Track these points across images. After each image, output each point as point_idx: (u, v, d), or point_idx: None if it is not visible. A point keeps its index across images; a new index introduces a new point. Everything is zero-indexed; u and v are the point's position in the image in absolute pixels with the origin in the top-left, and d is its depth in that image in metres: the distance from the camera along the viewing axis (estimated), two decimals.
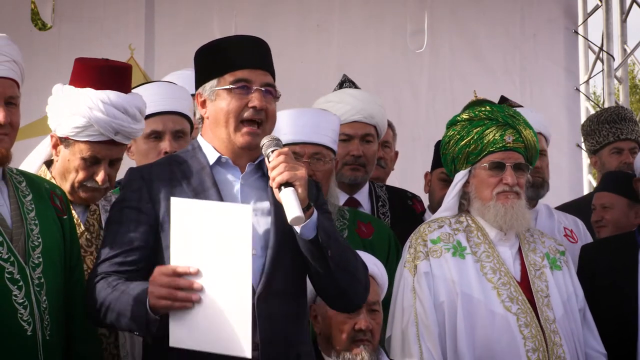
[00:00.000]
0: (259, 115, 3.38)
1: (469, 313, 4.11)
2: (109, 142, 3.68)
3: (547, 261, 4.29)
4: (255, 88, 3.39)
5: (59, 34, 7.22)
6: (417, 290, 4.17)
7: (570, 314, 4.24)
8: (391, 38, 8.07)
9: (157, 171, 3.43)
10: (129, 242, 3.32)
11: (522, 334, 4.08)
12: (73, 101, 3.66)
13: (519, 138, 4.24)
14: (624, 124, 6.14)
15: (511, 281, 4.17)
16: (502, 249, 4.26)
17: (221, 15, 7.68)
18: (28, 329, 3.22)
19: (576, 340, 4.22)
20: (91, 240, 3.77)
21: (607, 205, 5.44)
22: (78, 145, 3.68)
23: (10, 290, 3.21)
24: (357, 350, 3.90)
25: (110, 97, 3.66)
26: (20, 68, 3.39)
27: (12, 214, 3.33)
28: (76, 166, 3.70)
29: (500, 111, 4.30)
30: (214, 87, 3.42)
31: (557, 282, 4.26)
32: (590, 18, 8.74)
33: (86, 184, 3.71)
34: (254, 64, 3.42)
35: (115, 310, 3.21)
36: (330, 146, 4.56)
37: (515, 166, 4.23)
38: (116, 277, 3.26)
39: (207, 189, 3.36)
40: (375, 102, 5.15)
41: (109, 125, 3.64)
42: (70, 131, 3.66)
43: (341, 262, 3.32)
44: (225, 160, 3.42)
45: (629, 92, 9.42)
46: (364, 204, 5.05)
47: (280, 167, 3.22)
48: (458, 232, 4.26)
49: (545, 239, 4.40)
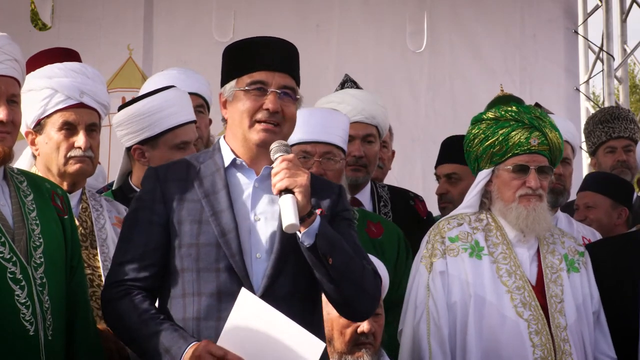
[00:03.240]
0: (273, 117, 3.36)
1: (480, 316, 4.09)
2: (78, 105, 3.75)
3: (564, 263, 4.25)
4: (271, 90, 3.37)
5: (58, 33, 7.23)
6: (432, 289, 4.15)
7: (583, 318, 4.21)
8: (391, 38, 8.07)
9: (172, 171, 3.42)
10: (143, 245, 3.32)
11: (531, 341, 4.06)
12: (33, 82, 3.75)
13: (545, 141, 4.21)
14: (616, 122, 6.15)
15: (526, 285, 4.14)
16: (520, 250, 4.23)
17: (220, 15, 7.68)
18: (30, 329, 3.21)
19: (587, 346, 4.19)
20: (86, 236, 3.81)
21: (590, 205, 5.45)
22: (50, 121, 3.75)
23: (13, 290, 3.20)
24: (359, 354, 3.88)
25: (67, 64, 3.82)
26: (21, 67, 3.41)
27: (14, 214, 3.33)
28: (55, 142, 3.75)
29: (527, 112, 4.26)
30: (233, 88, 3.41)
31: (574, 285, 4.23)
32: (590, 18, 8.74)
33: (70, 154, 3.76)
34: (273, 66, 3.39)
35: (140, 347, 3.25)
36: (341, 146, 4.57)
37: (539, 169, 4.20)
38: (141, 297, 3.28)
39: (218, 191, 3.35)
40: (376, 102, 5.13)
41: (73, 86, 3.75)
42: (38, 108, 3.74)
43: (346, 272, 3.29)
44: (240, 162, 3.40)
45: (629, 92, 9.44)
46: (365, 204, 5.04)
47: (281, 174, 3.21)
48: (477, 231, 4.24)
49: (566, 239, 4.36)
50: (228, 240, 3.27)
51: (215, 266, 3.27)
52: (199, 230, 3.29)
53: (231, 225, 3.29)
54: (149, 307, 3.27)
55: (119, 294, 3.29)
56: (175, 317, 3.28)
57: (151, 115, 4.34)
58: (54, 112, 3.75)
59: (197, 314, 3.25)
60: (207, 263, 3.27)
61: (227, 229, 3.28)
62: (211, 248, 3.27)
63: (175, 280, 3.31)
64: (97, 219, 3.88)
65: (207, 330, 3.22)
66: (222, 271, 3.26)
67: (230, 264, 3.26)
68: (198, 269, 3.27)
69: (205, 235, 3.29)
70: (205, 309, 3.25)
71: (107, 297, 3.32)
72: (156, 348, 3.19)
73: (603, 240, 5.11)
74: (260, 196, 3.37)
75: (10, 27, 6.74)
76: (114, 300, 3.29)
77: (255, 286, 3.25)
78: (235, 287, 3.22)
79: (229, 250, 3.26)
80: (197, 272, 3.27)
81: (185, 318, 3.27)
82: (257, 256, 3.29)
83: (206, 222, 3.30)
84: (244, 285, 3.23)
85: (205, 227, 3.29)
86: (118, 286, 3.30)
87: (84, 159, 3.78)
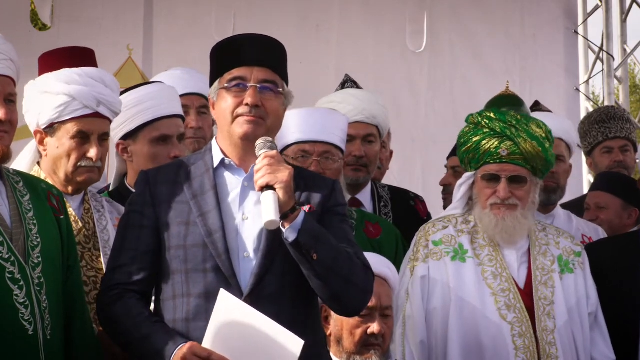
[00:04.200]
0: (254, 111, 3.35)
1: (462, 319, 4.08)
2: (93, 115, 3.72)
3: (557, 265, 4.23)
4: (250, 85, 3.37)
5: (57, 33, 7.22)
6: (410, 293, 4.17)
7: (577, 320, 4.18)
8: (391, 38, 8.06)
9: (163, 173, 3.44)
10: (134, 248, 3.36)
11: (514, 344, 4.04)
12: (50, 84, 3.72)
13: (517, 150, 4.15)
14: (612, 122, 6.14)
15: (511, 287, 4.13)
16: (508, 252, 4.22)
17: (220, 15, 7.67)
18: (29, 329, 3.21)
19: (580, 349, 4.17)
20: (89, 237, 3.80)
21: (602, 205, 5.44)
22: (64, 127, 3.72)
23: (12, 290, 3.20)
24: (368, 355, 3.88)
25: (86, 70, 3.76)
26: (16, 66, 3.40)
27: (12, 214, 3.32)
28: (67, 149, 3.73)
29: (502, 120, 4.21)
30: (216, 88, 3.43)
31: (567, 286, 4.21)
32: (590, 18, 8.73)
33: (81, 164, 3.74)
34: (251, 61, 3.40)
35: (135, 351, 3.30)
36: (339, 145, 4.57)
37: (511, 179, 4.18)
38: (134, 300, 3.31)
39: (206, 191, 3.36)
40: (377, 102, 5.13)
41: (91, 96, 3.71)
42: (54, 113, 3.71)
43: (333, 267, 3.26)
44: (228, 162, 3.41)
45: (629, 92, 9.42)
46: (366, 204, 5.04)
47: (262, 170, 3.21)
48: (462, 234, 4.24)
49: (562, 239, 4.33)
50: (214, 240, 3.28)
51: (202, 267, 3.28)
52: (187, 231, 3.31)
53: (218, 225, 3.29)
54: (142, 310, 3.31)
55: (112, 297, 3.33)
56: (166, 318, 3.31)
57: (131, 109, 4.27)
58: (69, 120, 3.72)
59: (187, 314, 3.27)
60: (195, 264, 3.28)
61: (214, 229, 3.29)
62: (198, 249, 3.29)
63: (166, 282, 3.34)
64: (99, 220, 3.87)
65: (197, 331, 3.23)
66: (209, 271, 3.27)
67: (217, 264, 3.26)
68: (187, 270, 3.29)
69: (192, 236, 3.30)
70: (194, 309, 3.27)
71: (102, 302, 3.36)
72: (149, 351, 3.23)
73: (603, 240, 5.10)
74: (248, 195, 3.37)
75: (10, 27, 6.76)
76: (109, 304, 3.32)
77: (242, 285, 3.26)
78: (222, 286, 3.22)
79: (215, 250, 3.27)
80: (186, 273, 3.29)
81: (176, 319, 3.29)
82: (244, 255, 3.29)
83: (193, 224, 3.31)
84: (231, 285, 3.24)
85: (192, 229, 3.31)
86: (112, 290, 3.34)
87: (93, 169, 3.78)
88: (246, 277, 3.27)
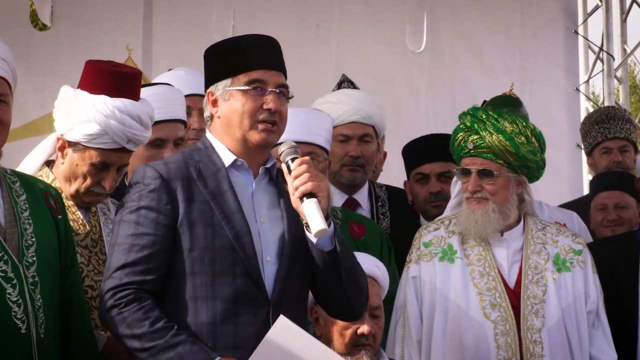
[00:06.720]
0: (273, 117, 3.34)
1: (446, 319, 4.11)
2: (119, 149, 3.68)
3: (551, 263, 4.22)
4: (270, 89, 3.34)
5: (57, 34, 7.22)
6: (407, 293, 4.20)
7: (572, 318, 4.17)
8: (390, 38, 8.06)
9: (173, 170, 3.33)
10: (149, 246, 3.24)
11: (496, 342, 4.06)
12: (88, 108, 3.64)
13: (482, 144, 4.16)
14: (611, 123, 6.15)
15: (498, 286, 4.14)
16: (499, 250, 4.22)
17: (219, 15, 7.67)
18: (22, 327, 3.20)
19: (575, 347, 4.16)
20: (96, 241, 3.78)
21: (622, 205, 5.42)
22: (88, 152, 3.68)
23: (4, 289, 3.20)
24: (359, 355, 3.89)
25: (126, 105, 3.66)
26: (10, 66, 3.37)
27: (6, 213, 3.32)
28: (85, 172, 3.70)
29: (474, 114, 4.22)
30: (228, 87, 3.36)
31: (562, 285, 4.19)
32: (590, 18, 8.73)
33: (93, 189, 3.72)
34: (268, 65, 3.37)
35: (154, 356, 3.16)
36: (324, 146, 4.58)
37: (480, 172, 4.18)
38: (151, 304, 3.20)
39: (224, 192, 3.31)
40: (373, 102, 5.14)
41: (123, 134, 3.64)
42: (83, 137, 3.66)
43: (352, 272, 3.32)
44: (240, 163, 3.37)
45: (629, 92, 9.42)
46: (363, 205, 5.05)
47: (304, 177, 3.20)
48: (452, 234, 4.25)
49: (561, 237, 4.31)
50: (243, 243, 3.24)
51: (232, 270, 3.23)
52: (213, 233, 3.24)
53: (244, 228, 3.26)
54: (160, 315, 3.19)
55: (124, 298, 3.21)
56: (184, 321, 3.21)
57: None
58: (96, 148, 3.68)
59: (212, 318, 3.21)
60: (223, 267, 3.23)
61: (242, 232, 3.25)
62: (227, 252, 3.23)
63: (180, 284, 3.25)
64: (104, 223, 3.86)
65: (224, 335, 3.20)
66: (238, 275, 3.23)
67: (247, 268, 3.23)
68: (213, 272, 3.22)
69: (220, 238, 3.24)
70: (221, 313, 3.21)
71: (110, 304, 3.22)
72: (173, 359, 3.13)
73: (604, 240, 5.12)
74: (260, 198, 3.37)
75: (10, 27, 6.77)
76: (119, 306, 3.20)
77: (268, 290, 3.24)
78: (251, 290, 3.21)
79: (244, 253, 3.23)
80: (212, 275, 3.22)
81: (198, 323, 3.21)
82: (267, 259, 3.28)
83: (219, 225, 3.25)
84: (260, 289, 3.22)
85: (218, 230, 3.25)
86: (123, 290, 3.21)
87: (102, 195, 3.76)
88: (270, 282, 3.26)
